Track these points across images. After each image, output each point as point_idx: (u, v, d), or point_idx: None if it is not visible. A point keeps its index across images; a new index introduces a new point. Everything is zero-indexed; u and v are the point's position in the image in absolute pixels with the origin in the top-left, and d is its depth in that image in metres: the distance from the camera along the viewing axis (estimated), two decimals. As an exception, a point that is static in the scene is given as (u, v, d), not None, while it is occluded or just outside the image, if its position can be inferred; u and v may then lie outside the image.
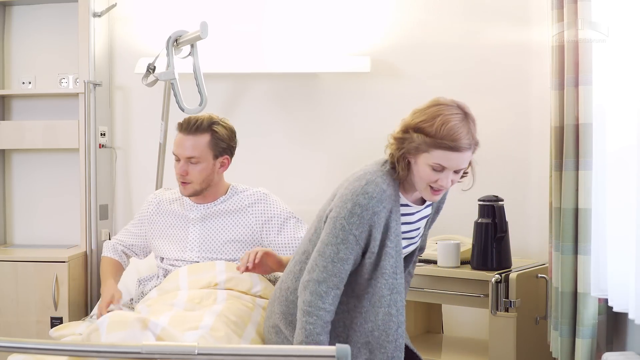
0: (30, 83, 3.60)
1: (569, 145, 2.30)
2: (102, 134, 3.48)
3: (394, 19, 3.30)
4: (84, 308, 3.33)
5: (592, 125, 2.23)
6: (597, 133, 2.23)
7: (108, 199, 3.55)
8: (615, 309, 2.07)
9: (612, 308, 2.11)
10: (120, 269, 2.68)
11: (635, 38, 1.99)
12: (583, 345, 2.23)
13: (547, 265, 2.66)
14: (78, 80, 3.45)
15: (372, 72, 3.21)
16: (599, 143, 2.22)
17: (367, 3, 3.31)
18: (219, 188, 2.58)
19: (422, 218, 2.11)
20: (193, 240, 2.52)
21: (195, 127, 2.45)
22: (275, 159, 3.42)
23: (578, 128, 2.28)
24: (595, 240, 2.21)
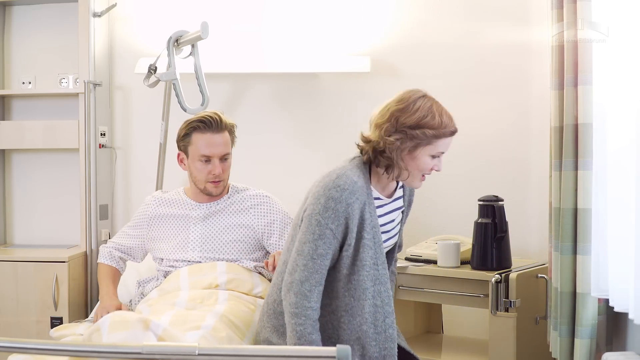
0: (30, 83, 3.60)
1: (569, 145, 2.30)
2: (102, 134, 3.49)
3: (394, 19, 3.30)
4: (84, 308, 3.33)
5: (591, 125, 2.23)
6: (597, 133, 2.22)
7: (108, 199, 3.55)
8: (617, 309, 2.06)
9: (612, 308, 2.11)
10: (118, 276, 2.69)
11: (635, 38, 1.99)
12: (582, 346, 2.23)
13: (547, 265, 2.66)
14: (78, 80, 3.45)
15: (372, 72, 3.21)
16: (599, 143, 2.22)
17: (367, 3, 3.31)
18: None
19: (395, 210, 2.12)
20: (194, 240, 2.52)
21: (222, 124, 2.50)
22: (276, 159, 3.42)
23: (578, 128, 2.28)
24: (596, 240, 2.21)
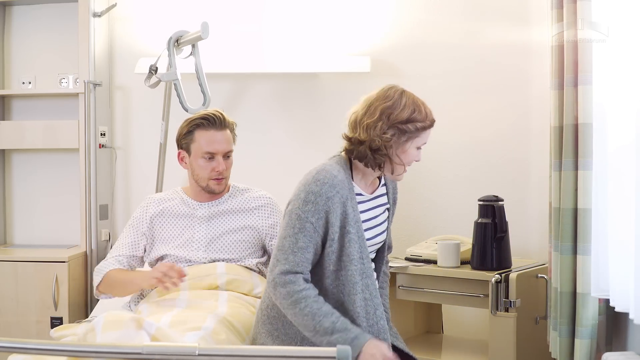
0: (30, 83, 3.60)
1: (569, 145, 2.30)
2: (102, 134, 3.49)
3: (394, 19, 3.30)
4: (84, 308, 3.33)
5: (591, 125, 2.23)
6: (596, 133, 2.22)
7: (108, 199, 3.55)
8: (617, 309, 2.06)
9: (612, 308, 2.11)
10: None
11: (635, 38, 1.99)
12: (582, 346, 2.23)
13: (547, 265, 2.65)
14: (78, 80, 3.45)
15: (372, 72, 3.21)
16: (599, 143, 2.22)
17: (367, 3, 3.31)
18: None
19: (379, 206, 2.13)
20: (199, 240, 2.49)
21: (225, 122, 2.49)
22: (276, 159, 3.42)
23: (578, 128, 2.28)
24: (596, 240, 2.21)
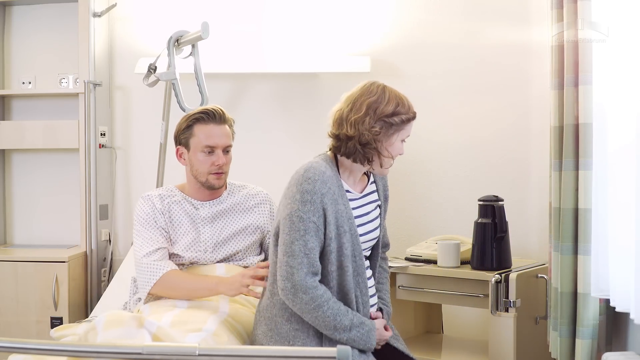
0: (30, 83, 3.60)
1: (569, 145, 2.30)
2: (102, 134, 3.49)
3: (394, 19, 3.30)
4: (84, 308, 3.33)
5: (592, 125, 2.23)
6: (597, 133, 2.22)
7: (108, 199, 3.55)
8: (618, 309, 2.06)
9: (612, 308, 2.11)
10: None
11: (635, 38, 1.99)
12: (583, 346, 2.23)
13: (547, 265, 2.65)
14: (78, 80, 3.45)
15: (372, 72, 3.21)
16: (599, 143, 2.22)
17: (367, 3, 3.31)
18: None
19: (369, 203, 2.13)
20: (206, 241, 2.44)
21: (224, 117, 2.45)
22: (276, 158, 3.41)
23: (578, 128, 2.28)
24: (596, 241, 2.21)
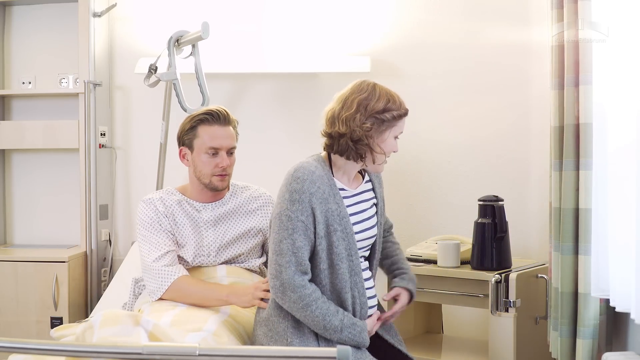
0: (30, 83, 3.60)
1: (569, 145, 2.30)
2: (102, 134, 3.49)
3: (394, 19, 3.30)
4: (84, 308, 3.33)
5: (592, 125, 2.23)
6: (597, 133, 2.22)
7: (108, 199, 3.55)
8: (618, 309, 2.06)
9: (612, 308, 2.11)
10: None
11: (635, 38, 1.99)
12: (584, 346, 2.23)
13: (547, 265, 2.65)
14: (78, 80, 3.45)
15: (372, 72, 3.21)
16: (599, 143, 2.21)
17: (367, 3, 3.31)
18: None
19: (365, 201, 2.13)
20: (209, 245, 2.43)
21: (229, 118, 2.44)
22: (276, 158, 3.41)
23: (578, 128, 2.28)
24: (596, 241, 2.21)
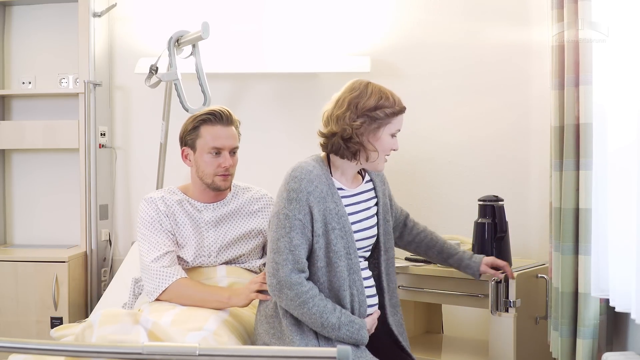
0: (30, 83, 3.60)
1: (569, 145, 2.30)
2: (102, 134, 3.49)
3: (394, 19, 3.30)
4: (84, 308, 3.33)
5: (592, 125, 2.23)
6: (597, 133, 2.22)
7: (108, 199, 3.55)
8: (617, 309, 2.06)
9: (612, 308, 2.11)
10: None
11: (635, 38, 1.99)
12: (584, 346, 2.23)
13: (547, 265, 2.66)
14: (78, 80, 3.45)
15: (372, 72, 3.21)
16: (599, 143, 2.21)
17: (367, 3, 3.31)
18: None
19: (364, 201, 2.14)
20: (210, 246, 2.43)
21: (231, 118, 2.44)
22: (276, 158, 3.41)
23: (578, 128, 2.28)
24: (596, 241, 2.21)
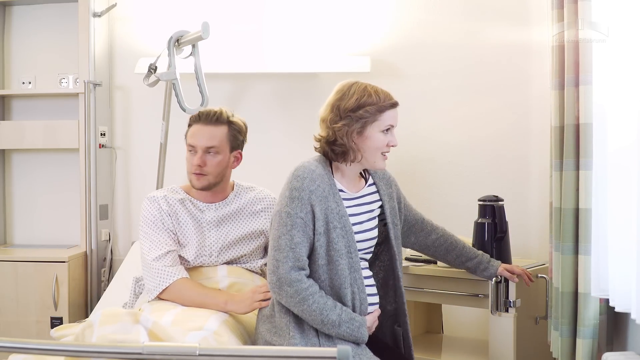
0: (30, 83, 3.60)
1: (569, 145, 2.30)
2: (102, 134, 3.49)
3: (394, 19, 3.30)
4: (84, 308, 3.33)
5: (592, 125, 2.23)
6: (597, 133, 2.22)
7: (108, 199, 3.55)
8: (617, 309, 2.06)
9: (612, 308, 2.11)
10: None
11: (635, 38, 1.99)
12: (584, 346, 2.23)
13: (547, 265, 2.66)
14: (78, 80, 3.45)
15: (372, 72, 3.21)
16: (599, 143, 2.21)
17: (367, 3, 3.31)
18: (227, 185, 2.50)
19: (366, 203, 2.15)
20: (211, 246, 2.43)
21: (216, 117, 2.41)
22: (276, 158, 3.41)
23: (578, 128, 2.28)
24: (596, 241, 2.21)
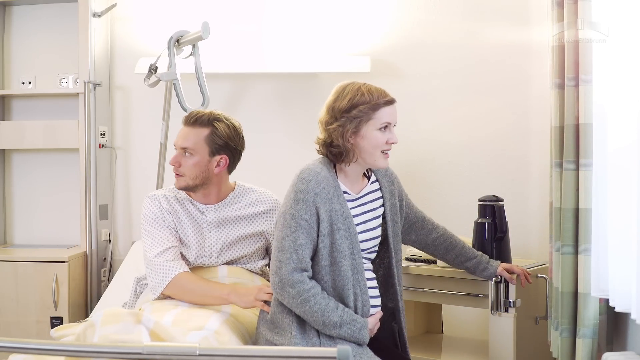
0: (30, 83, 3.60)
1: (569, 145, 2.30)
2: (102, 134, 3.49)
3: (394, 19, 3.30)
4: (84, 308, 3.33)
5: (592, 125, 2.23)
6: (597, 133, 2.22)
7: (108, 199, 3.55)
8: (617, 309, 2.06)
9: (612, 308, 2.11)
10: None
11: (635, 38, 1.99)
12: (584, 346, 2.23)
13: (547, 265, 2.66)
14: (78, 80, 3.45)
15: (372, 72, 3.21)
16: (599, 143, 2.21)
17: (367, 3, 3.31)
18: (220, 187, 2.45)
19: (368, 202, 2.15)
20: (211, 246, 2.42)
21: (195, 119, 2.38)
22: (275, 159, 3.42)
23: (578, 128, 2.28)
24: (596, 241, 2.21)
